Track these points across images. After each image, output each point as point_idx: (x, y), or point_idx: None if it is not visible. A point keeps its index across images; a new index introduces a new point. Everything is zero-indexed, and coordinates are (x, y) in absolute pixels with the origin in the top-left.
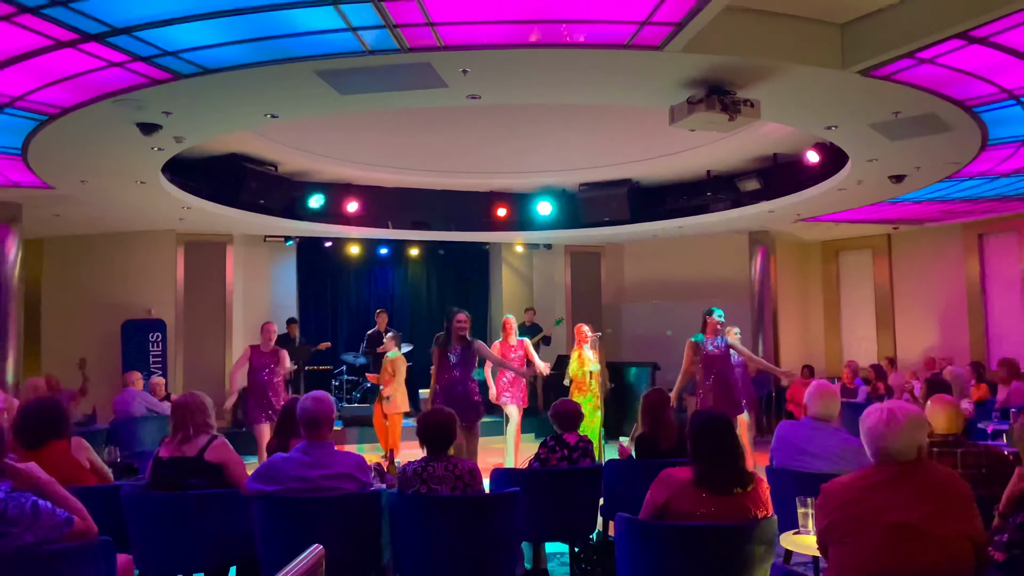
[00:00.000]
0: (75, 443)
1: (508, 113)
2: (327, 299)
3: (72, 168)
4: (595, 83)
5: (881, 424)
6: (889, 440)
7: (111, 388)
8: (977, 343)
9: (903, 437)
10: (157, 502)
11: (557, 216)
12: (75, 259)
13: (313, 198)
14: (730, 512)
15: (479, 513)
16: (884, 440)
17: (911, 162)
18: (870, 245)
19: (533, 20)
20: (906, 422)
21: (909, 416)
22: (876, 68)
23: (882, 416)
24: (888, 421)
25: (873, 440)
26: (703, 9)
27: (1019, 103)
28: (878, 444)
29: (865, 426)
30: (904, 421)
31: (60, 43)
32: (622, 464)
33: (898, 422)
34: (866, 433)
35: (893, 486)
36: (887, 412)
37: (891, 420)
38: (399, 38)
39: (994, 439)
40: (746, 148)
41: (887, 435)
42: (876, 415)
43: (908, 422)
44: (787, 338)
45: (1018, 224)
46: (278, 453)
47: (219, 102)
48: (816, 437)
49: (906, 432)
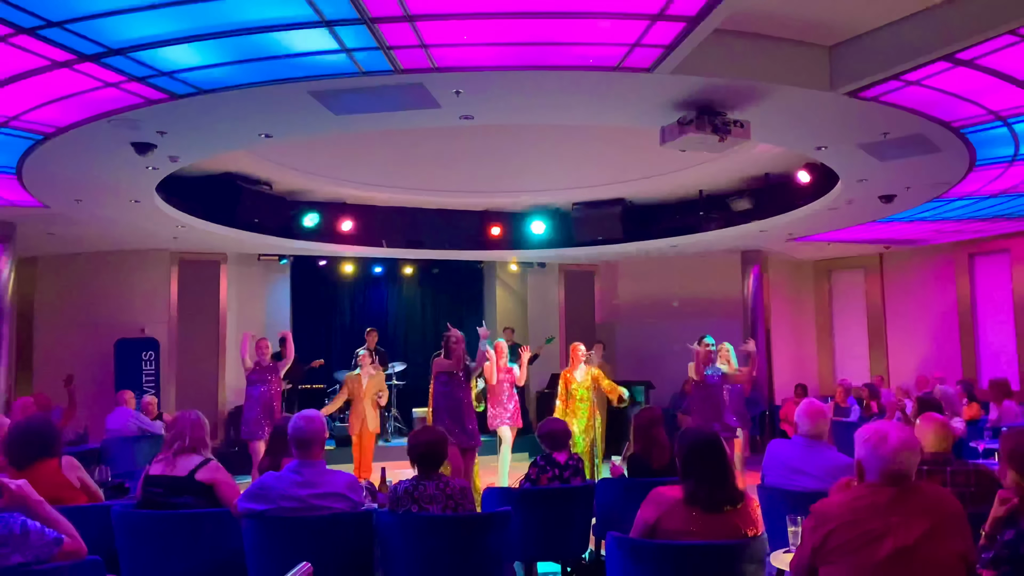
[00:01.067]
0: (66, 462)
1: (502, 133)
2: (321, 318)
3: (67, 187)
4: (586, 104)
5: (877, 444)
6: (885, 460)
7: (103, 407)
8: (969, 362)
9: (898, 457)
10: (147, 521)
11: (551, 235)
12: (69, 278)
13: (307, 217)
14: (720, 530)
15: (470, 532)
16: (880, 460)
17: (901, 182)
18: (862, 264)
19: (525, 43)
20: (900, 443)
21: (903, 437)
22: (864, 90)
23: (878, 436)
24: (883, 441)
25: (868, 460)
26: (692, 32)
27: (1005, 124)
28: (873, 464)
29: (862, 445)
30: (898, 442)
31: (56, 63)
32: (614, 483)
33: (893, 443)
34: (864, 450)
35: (889, 507)
36: (882, 432)
37: (886, 440)
38: (393, 60)
39: (985, 458)
40: (738, 168)
41: (883, 455)
42: (871, 435)
43: (902, 443)
44: (780, 357)
45: (1008, 244)
46: (269, 472)
47: (214, 122)
48: (807, 455)
49: (901, 453)
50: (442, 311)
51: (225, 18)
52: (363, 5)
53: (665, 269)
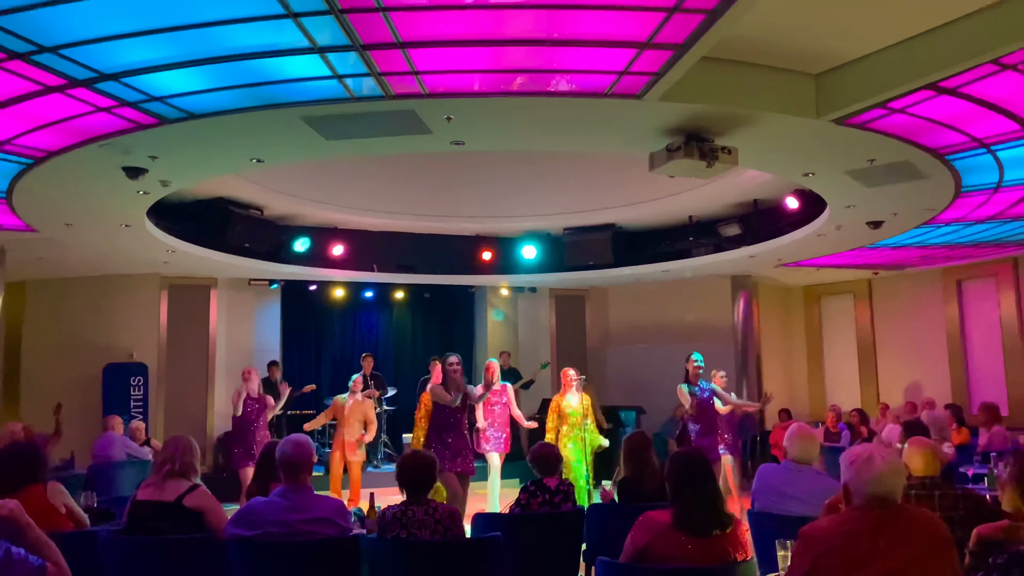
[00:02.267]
0: (51, 488)
1: (493, 159)
2: (311, 343)
3: (57, 211)
4: (576, 131)
5: (863, 467)
6: (872, 484)
7: (91, 432)
8: (958, 387)
9: (883, 480)
10: (133, 547)
11: (542, 260)
12: (58, 302)
13: (299, 242)
14: (710, 554)
15: (460, 558)
16: (865, 484)
17: (888, 208)
18: (851, 290)
19: (515, 69)
20: (886, 466)
21: (889, 460)
22: (850, 117)
23: (864, 458)
24: (870, 464)
25: (854, 483)
26: (680, 60)
27: (989, 152)
28: (859, 487)
29: (847, 468)
30: (883, 466)
31: (49, 88)
32: (604, 509)
33: (879, 465)
34: (849, 474)
35: (876, 532)
36: (867, 455)
37: (873, 463)
38: (384, 85)
39: (975, 483)
40: (727, 194)
41: (868, 479)
42: (856, 458)
43: (888, 466)
44: (771, 382)
45: (995, 269)
46: (257, 497)
47: (205, 147)
48: (796, 480)
49: (888, 476)
50: (433, 336)
51: (218, 44)
52: (355, 32)
53: (656, 294)
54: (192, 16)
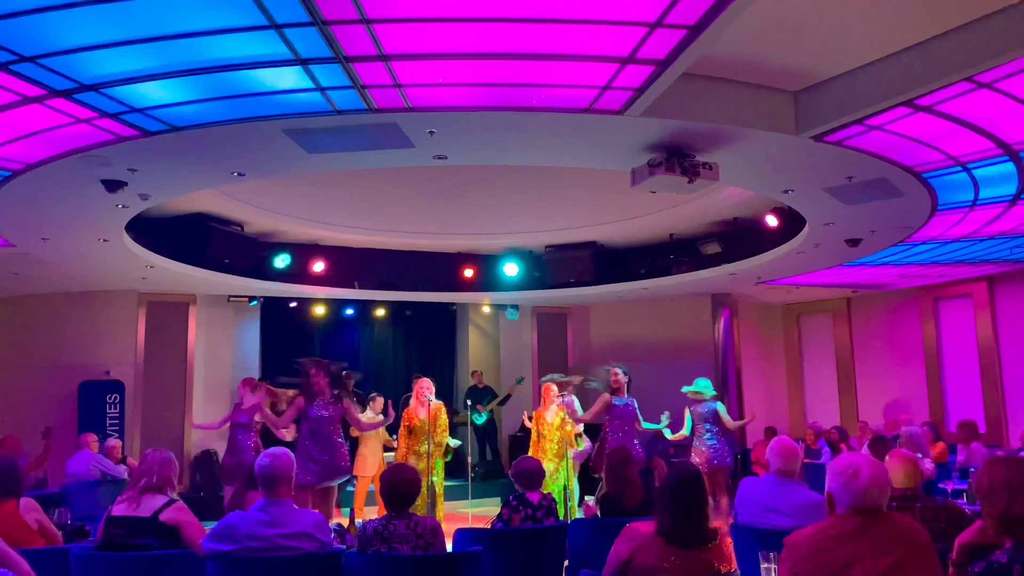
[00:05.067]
0: (24, 504)
1: (475, 175)
2: (291, 360)
3: (34, 225)
4: (558, 146)
5: (849, 480)
6: (855, 496)
7: (65, 450)
8: (935, 405)
9: (869, 493)
10: (107, 563)
11: (523, 277)
12: (33, 318)
13: (279, 258)
14: (695, 567)
15: (441, 573)
16: (850, 496)
17: (866, 226)
18: (830, 308)
19: (498, 83)
20: (872, 475)
21: (875, 469)
22: (828, 134)
23: (850, 471)
24: (855, 477)
25: (841, 491)
26: (662, 75)
27: (965, 170)
28: (843, 499)
29: (834, 478)
30: (870, 478)
31: (27, 99)
32: (587, 523)
33: (866, 474)
34: (835, 484)
35: (859, 536)
36: (855, 467)
37: (859, 472)
38: (367, 99)
39: (954, 498)
40: (707, 212)
41: (853, 491)
42: (844, 469)
43: (873, 479)
44: (751, 400)
45: (970, 288)
46: (235, 512)
47: (186, 160)
48: (779, 493)
49: (872, 489)
50: (414, 353)
51: (200, 55)
52: (338, 44)
53: (637, 312)
54: (174, 27)
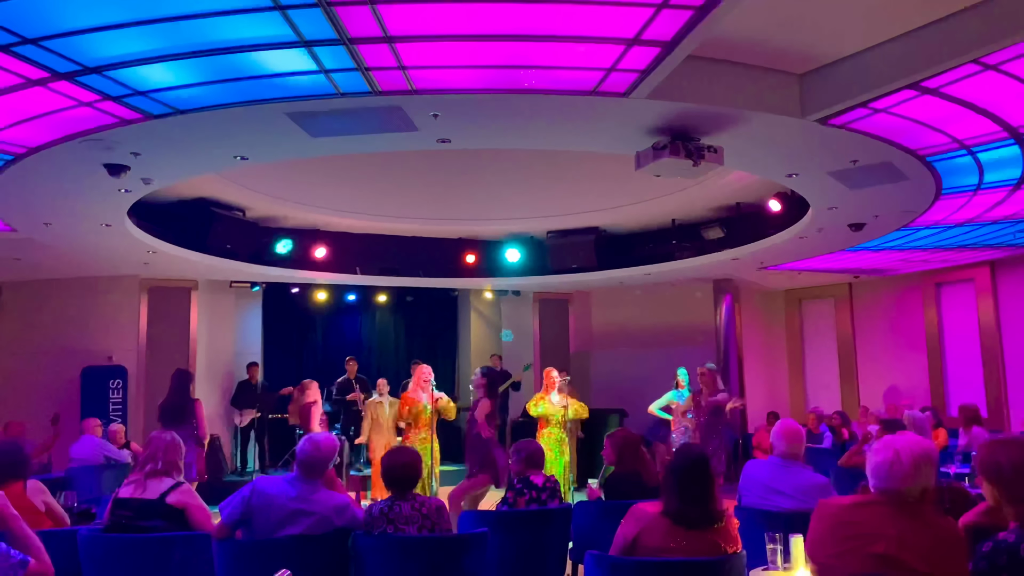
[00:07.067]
0: (31, 486)
1: (477, 160)
2: (293, 346)
3: (36, 210)
4: (563, 128)
5: (886, 465)
6: (891, 482)
7: (69, 435)
8: (937, 390)
9: (907, 480)
10: (115, 545)
11: (525, 263)
12: (35, 304)
13: (281, 243)
14: (701, 547)
15: (447, 554)
16: (886, 481)
17: (870, 210)
18: (832, 294)
19: (503, 66)
20: (912, 466)
21: (916, 458)
22: (833, 117)
23: (888, 456)
24: (893, 463)
25: (875, 478)
26: (667, 57)
27: (970, 153)
28: (880, 484)
29: (873, 459)
30: (909, 466)
31: (30, 81)
32: (592, 506)
33: (903, 466)
34: (871, 470)
35: (890, 518)
36: (893, 452)
37: (896, 462)
38: (371, 81)
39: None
40: (710, 197)
41: (890, 477)
42: (883, 454)
43: (914, 466)
44: (752, 386)
45: (973, 274)
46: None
47: (189, 143)
48: (783, 475)
49: (910, 476)
50: (416, 339)
51: (203, 37)
52: (342, 25)
53: (639, 298)
54: (178, 8)
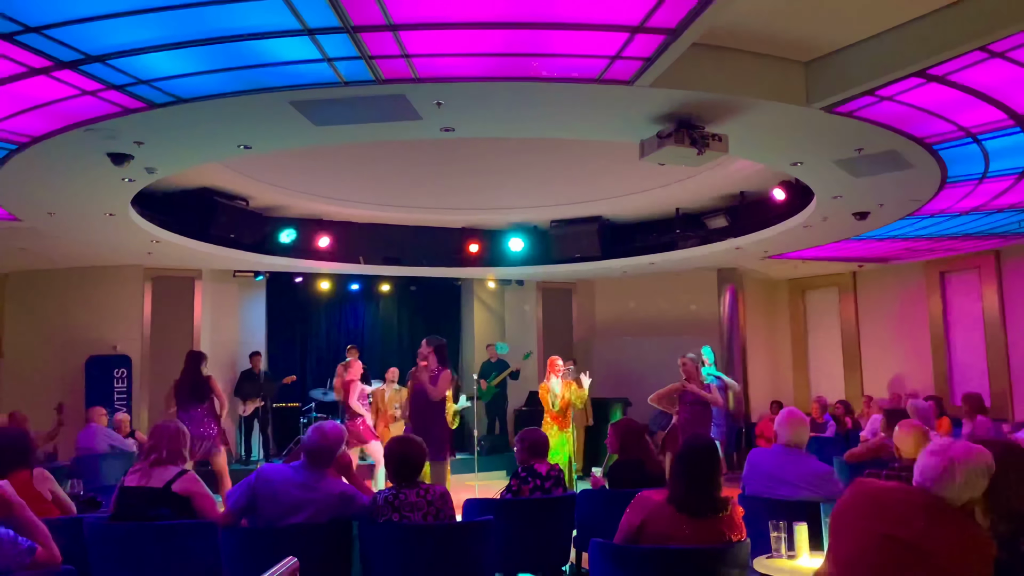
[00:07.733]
0: (37, 474)
1: (481, 150)
2: (296, 335)
3: (40, 200)
4: (567, 117)
5: (936, 471)
6: (938, 488)
7: (74, 425)
8: (940, 379)
9: (953, 491)
10: (122, 533)
11: (529, 252)
12: (39, 294)
13: (284, 233)
14: (706, 535)
15: (452, 541)
16: (932, 484)
17: (874, 199)
18: (836, 283)
19: (507, 53)
20: (963, 480)
21: (969, 472)
22: (838, 105)
23: (942, 463)
24: (944, 472)
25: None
26: (672, 45)
27: (975, 141)
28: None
29: (921, 461)
30: (960, 478)
31: (33, 70)
32: (595, 494)
33: (954, 478)
34: (920, 468)
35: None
36: (948, 461)
37: (948, 473)
38: (375, 69)
39: None
40: (714, 186)
41: (937, 483)
42: (936, 459)
43: (965, 479)
44: (756, 374)
45: (978, 262)
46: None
47: (192, 132)
48: (787, 464)
49: (959, 487)
50: (419, 328)
51: (207, 25)
52: (346, 13)
53: (642, 287)
54: None
